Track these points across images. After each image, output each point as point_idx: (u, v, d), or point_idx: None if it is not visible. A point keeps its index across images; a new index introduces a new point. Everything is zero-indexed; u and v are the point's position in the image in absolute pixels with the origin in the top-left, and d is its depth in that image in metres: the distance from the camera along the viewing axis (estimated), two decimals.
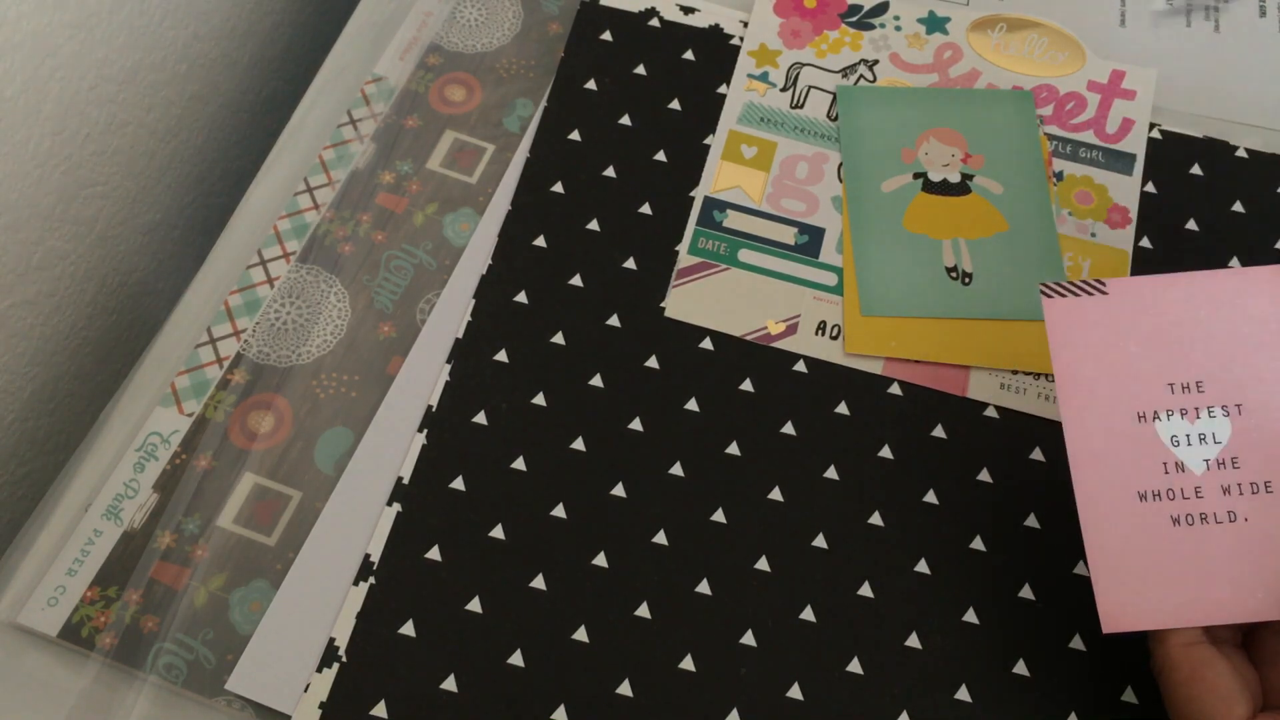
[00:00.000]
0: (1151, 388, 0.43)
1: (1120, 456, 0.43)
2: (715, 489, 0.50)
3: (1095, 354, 0.44)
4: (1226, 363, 0.43)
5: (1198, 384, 0.43)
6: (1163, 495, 0.43)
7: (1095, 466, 0.43)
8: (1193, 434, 0.43)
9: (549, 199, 0.56)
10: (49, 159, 0.54)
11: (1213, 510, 0.42)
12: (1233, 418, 0.43)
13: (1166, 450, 0.43)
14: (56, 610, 0.47)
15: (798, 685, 0.46)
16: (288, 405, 0.51)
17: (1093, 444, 0.43)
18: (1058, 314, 0.44)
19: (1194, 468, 0.43)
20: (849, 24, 0.61)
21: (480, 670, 0.46)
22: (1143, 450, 0.43)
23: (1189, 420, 0.43)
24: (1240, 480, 0.43)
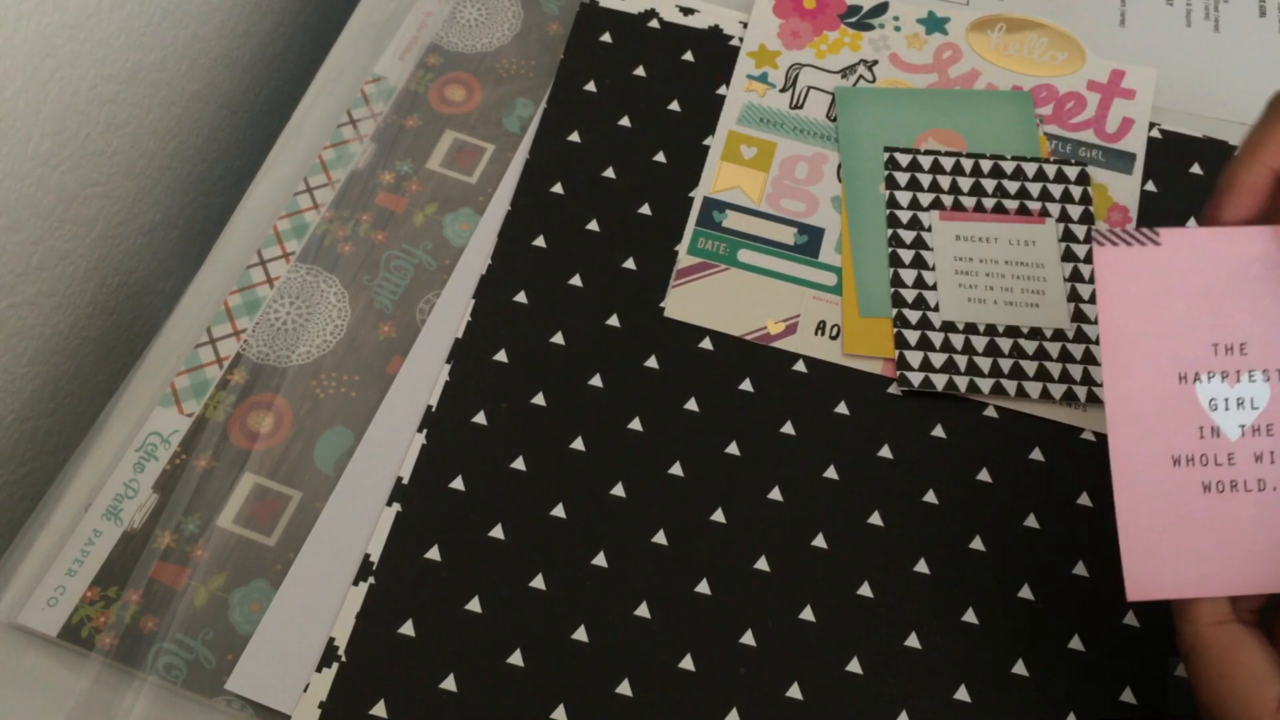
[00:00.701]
0: (1195, 348, 0.42)
1: (1158, 418, 0.42)
2: (715, 489, 0.50)
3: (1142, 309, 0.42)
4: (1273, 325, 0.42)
5: (1241, 346, 0.41)
6: (1196, 460, 0.41)
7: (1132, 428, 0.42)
8: (1231, 398, 0.41)
9: (549, 199, 0.56)
10: (49, 159, 0.54)
11: (1243, 478, 0.41)
12: (1273, 383, 0.42)
13: (1204, 414, 0.41)
14: (56, 610, 0.47)
15: (798, 685, 0.46)
16: (288, 405, 0.51)
17: (1133, 404, 0.42)
18: (1108, 264, 0.42)
19: (1229, 433, 0.41)
20: (848, 24, 0.61)
21: (480, 670, 0.46)
22: (1181, 413, 0.42)
23: (1229, 384, 0.41)
24: (1274, 448, 0.41)
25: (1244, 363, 0.42)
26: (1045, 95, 0.59)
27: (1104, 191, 0.56)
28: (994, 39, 0.61)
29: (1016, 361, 0.52)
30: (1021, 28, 0.61)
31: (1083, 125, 0.58)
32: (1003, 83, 0.59)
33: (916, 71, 0.60)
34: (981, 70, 0.60)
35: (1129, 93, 0.59)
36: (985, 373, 0.52)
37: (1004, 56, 0.60)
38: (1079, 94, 0.59)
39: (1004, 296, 0.53)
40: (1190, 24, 0.62)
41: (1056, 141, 0.58)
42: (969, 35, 0.61)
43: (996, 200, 0.56)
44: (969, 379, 0.51)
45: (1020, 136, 0.58)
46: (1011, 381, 0.51)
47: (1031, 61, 0.60)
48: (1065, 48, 0.60)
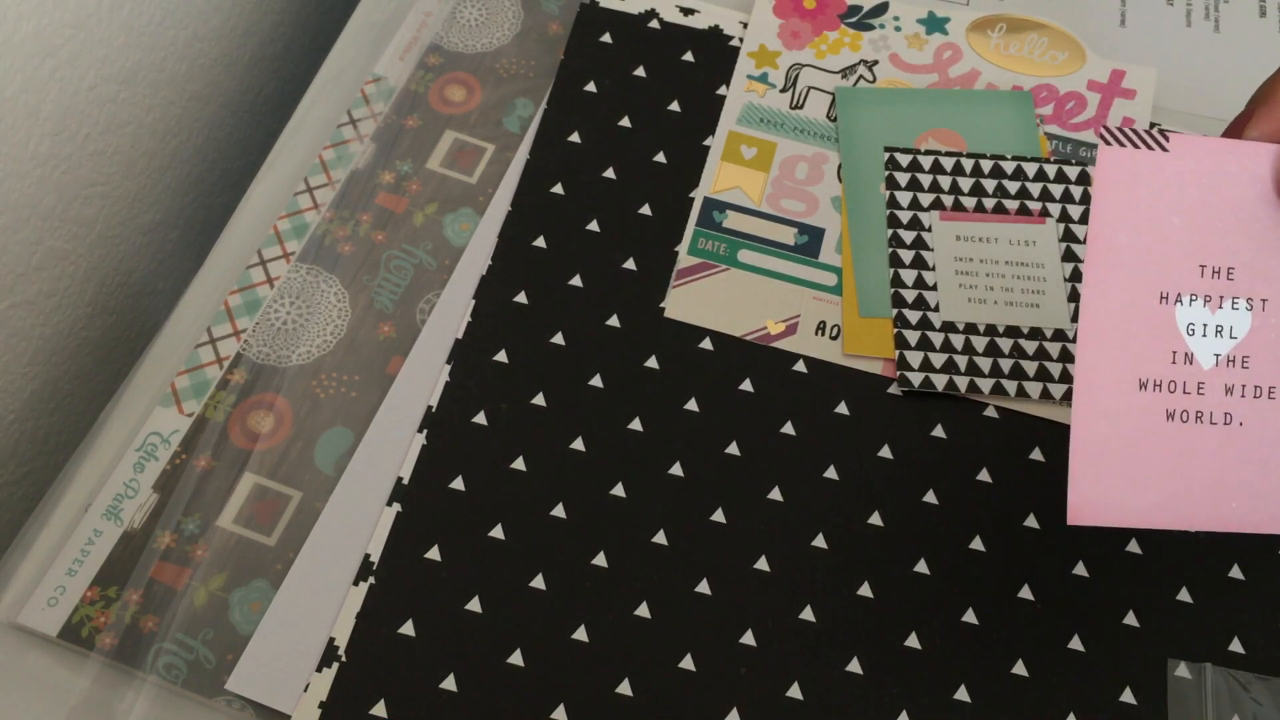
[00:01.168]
0: (1183, 267, 0.39)
1: (1131, 338, 0.39)
2: (715, 489, 0.50)
3: (1136, 218, 0.39)
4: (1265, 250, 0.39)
5: (1229, 270, 0.39)
6: (1164, 386, 0.40)
7: (1103, 345, 0.39)
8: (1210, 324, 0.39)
9: (549, 200, 0.56)
10: (49, 159, 0.54)
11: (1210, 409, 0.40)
12: (1255, 313, 0.39)
13: (1180, 338, 0.39)
14: (56, 610, 0.47)
15: (798, 685, 0.46)
16: (288, 405, 0.51)
17: (1108, 320, 0.39)
18: (1110, 165, 0.39)
19: (1202, 361, 0.39)
20: (848, 25, 0.61)
21: (480, 670, 0.46)
22: (1156, 334, 0.39)
23: (1211, 309, 0.39)
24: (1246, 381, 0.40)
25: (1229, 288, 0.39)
26: (1045, 95, 0.59)
27: None
28: (994, 39, 0.61)
29: (1016, 361, 0.52)
30: (1021, 28, 0.61)
31: (1083, 125, 0.58)
32: (1003, 83, 0.59)
33: (917, 71, 0.60)
34: (982, 70, 0.60)
35: (1129, 93, 0.59)
36: (985, 373, 0.52)
37: (1004, 56, 0.60)
38: (1079, 94, 0.59)
39: (1004, 297, 0.53)
40: (1190, 24, 0.62)
41: (1057, 141, 0.58)
42: (969, 35, 0.61)
43: (997, 200, 0.56)
44: (969, 379, 0.51)
45: (1020, 136, 0.58)
46: (1011, 381, 0.51)
47: (1032, 61, 0.60)
48: (1065, 48, 0.60)
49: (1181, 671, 0.46)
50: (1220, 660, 0.47)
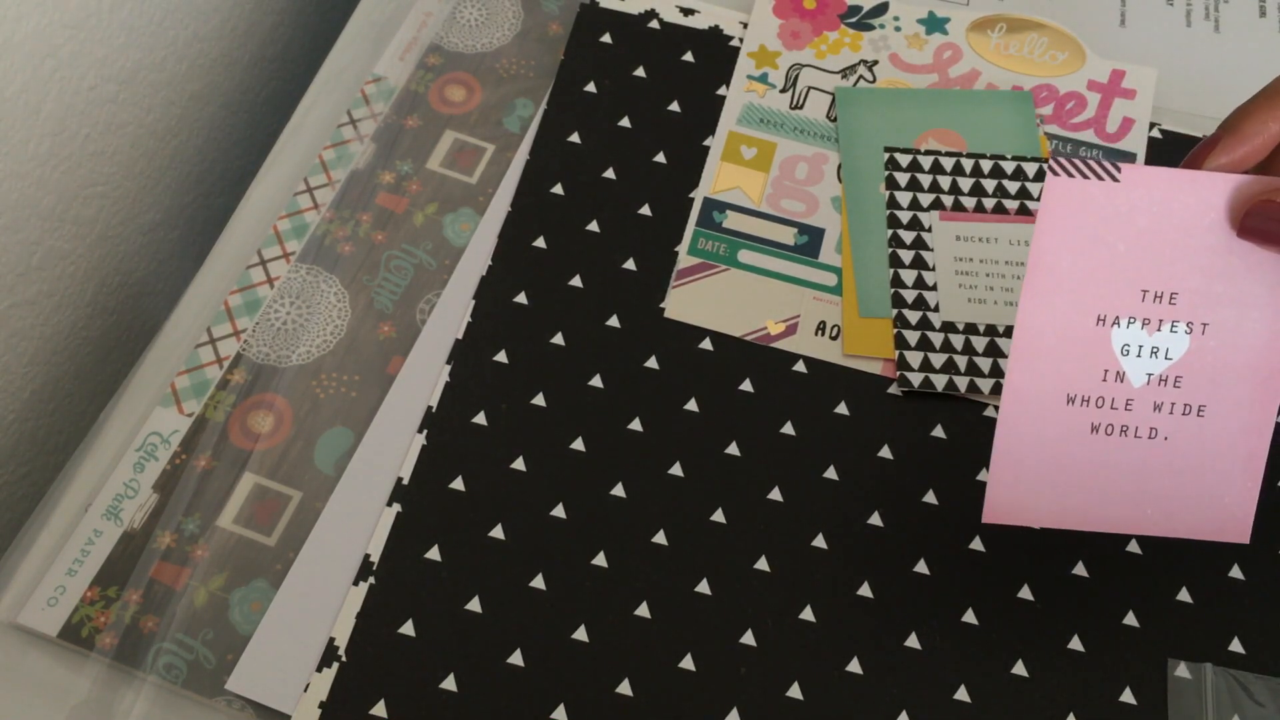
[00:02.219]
0: (1124, 291, 0.41)
1: (1064, 356, 0.41)
2: (715, 489, 0.50)
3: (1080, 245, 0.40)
4: (1210, 277, 0.40)
5: (1172, 295, 0.41)
6: (1091, 402, 0.41)
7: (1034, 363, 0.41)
8: (1146, 345, 0.41)
9: (549, 200, 0.56)
10: (49, 159, 0.54)
11: (1136, 424, 0.41)
12: (1194, 335, 0.41)
13: (1113, 358, 0.41)
14: (56, 610, 0.47)
15: (798, 685, 0.46)
16: (288, 405, 0.51)
17: (1041, 340, 0.41)
18: (1058, 194, 0.40)
19: (1133, 380, 0.41)
20: (848, 25, 0.61)
21: (480, 670, 0.46)
22: (1088, 354, 0.41)
23: (1149, 332, 0.41)
24: (1176, 400, 0.41)
25: (1170, 312, 0.41)
26: (1045, 95, 0.59)
27: None
28: (994, 39, 0.61)
29: None
30: (1021, 28, 0.61)
31: (1083, 125, 0.58)
32: (1003, 83, 0.59)
33: (916, 71, 0.60)
34: (982, 70, 0.60)
35: (1129, 93, 0.59)
36: (985, 373, 0.52)
37: (1004, 56, 0.60)
38: (1079, 94, 0.59)
39: (1004, 297, 0.53)
40: (1190, 24, 0.62)
41: (1057, 141, 0.58)
42: (969, 35, 0.61)
43: (997, 200, 0.56)
44: (969, 379, 0.51)
45: (1020, 136, 0.58)
46: None
47: (1032, 61, 0.60)
48: (1065, 48, 0.60)
49: (1181, 671, 0.46)
50: (1220, 660, 0.47)
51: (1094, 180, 0.40)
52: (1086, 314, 0.41)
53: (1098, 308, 0.41)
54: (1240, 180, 0.40)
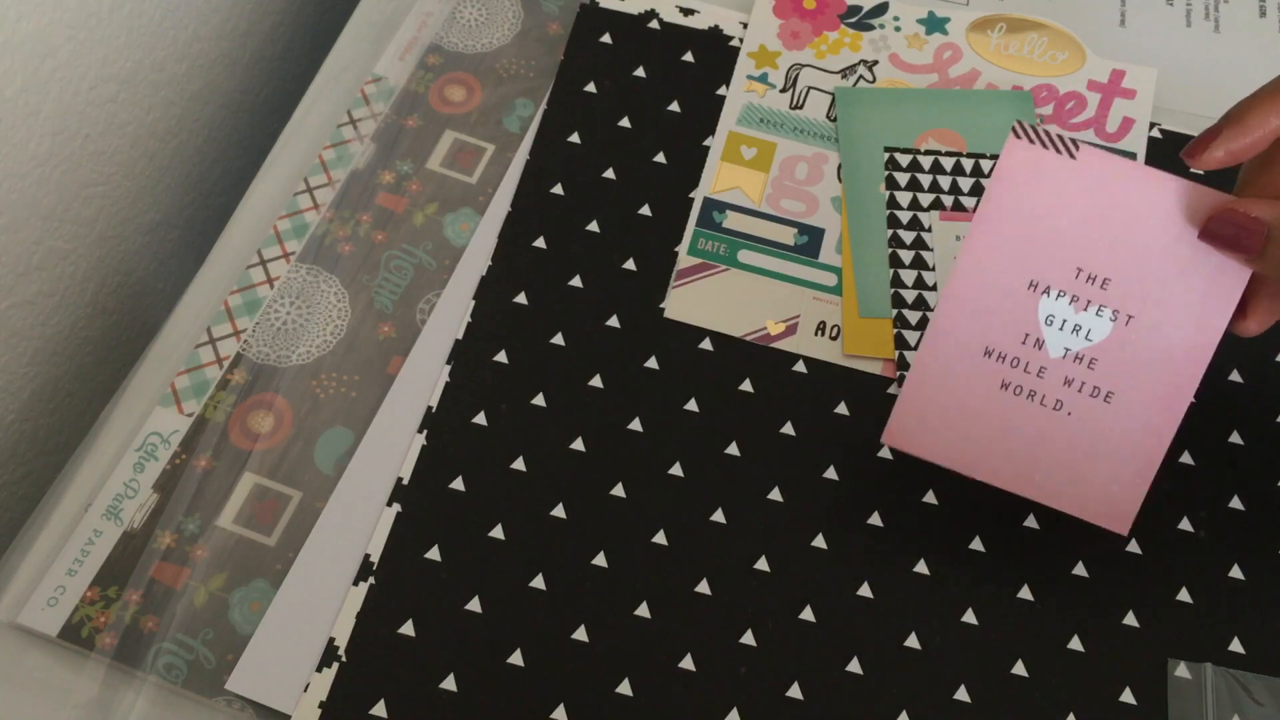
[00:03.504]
0: (1059, 265, 0.42)
1: (989, 310, 0.43)
2: (715, 489, 0.50)
3: (1027, 210, 0.42)
4: (1145, 273, 0.42)
5: (1105, 280, 0.42)
6: (1006, 360, 0.43)
7: (961, 309, 0.43)
8: (1070, 321, 0.43)
9: (549, 200, 0.56)
10: (49, 159, 0.54)
11: (1044, 392, 0.43)
12: (1117, 325, 0.42)
13: (1035, 324, 0.43)
14: (56, 610, 0.47)
15: (798, 685, 0.46)
16: (288, 405, 0.51)
17: (972, 290, 0.43)
18: (1015, 158, 0.42)
19: (1051, 350, 0.43)
20: (848, 25, 0.61)
21: (480, 670, 0.46)
22: (1014, 315, 0.43)
23: (1076, 309, 0.42)
24: (1087, 380, 0.43)
25: (1100, 296, 0.42)
26: (1045, 95, 0.59)
27: None
28: (994, 39, 0.61)
29: None
30: (1021, 28, 0.61)
31: (1083, 125, 0.58)
32: (1003, 83, 0.59)
33: (917, 71, 0.60)
34: (982, 70, 0.60)
35: (1129, 92, 0.59)
36: None
37: (1004, 56, 0.60)
38: (1079, 94, 0.59)
39: None
40: (1190, 24, 0.62)
41: None
42: (969, 35, 0.61)
43: None
44: None
45: None
46: None
47: (1032, 61, 0.60)
48: (1065, 47, 0.60)
49: (1181, 671, 0.46)
50: (1220, 660, 0.47)
51: (1051, 152, 0.42)
52: (1020, 277, 0.43)
53: (1031, 273, 0.43)
54: (1194, 186, 0.42)
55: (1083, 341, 0.43)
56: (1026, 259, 0.43)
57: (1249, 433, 0.51)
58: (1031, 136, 0.42)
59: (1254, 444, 0.51)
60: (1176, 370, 0.43)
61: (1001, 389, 0.43)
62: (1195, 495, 0.49)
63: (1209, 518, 0.49)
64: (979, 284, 0.43)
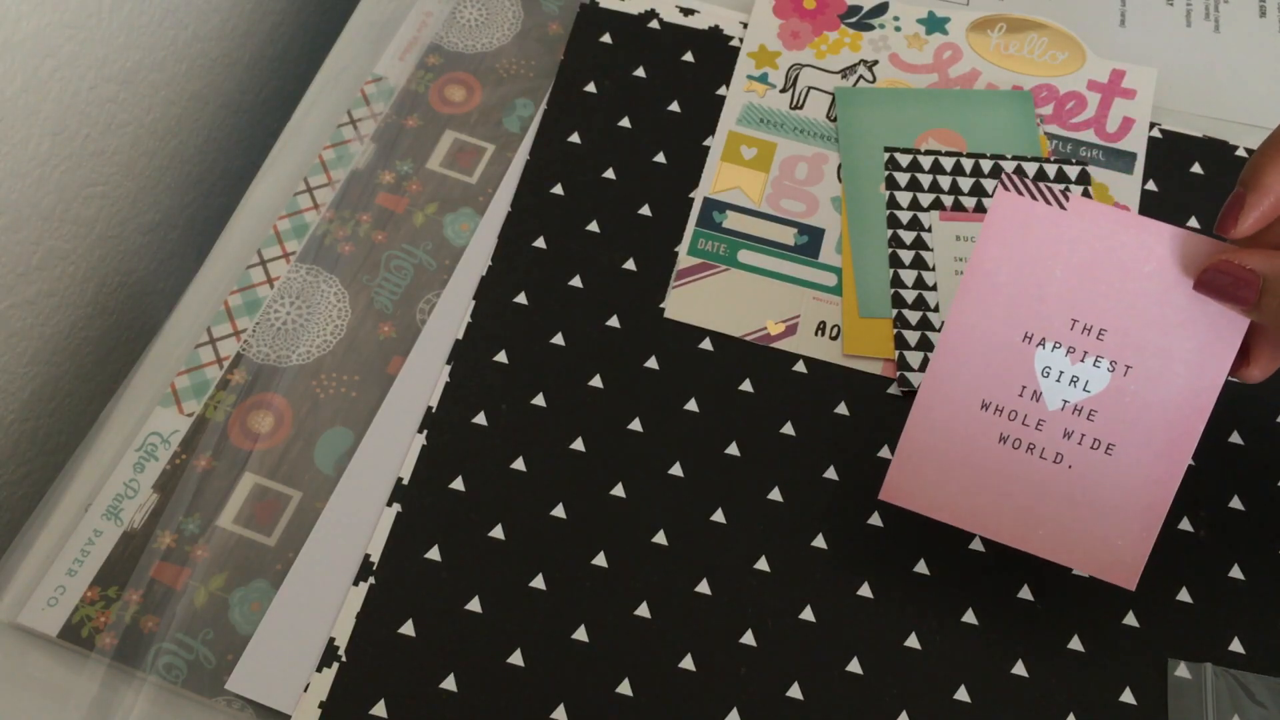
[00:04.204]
0: (1054, 316, 0.42)
1: (985, 363, 0.42)
2: (715, 489, 0.50)
3: (1019, 262, 0.42)
4: (1141, 323, 0.42)
5: (1101, 331, 0.42)
6: (1004, 413, 0.42)
7: (956, 361, 0.43)
8: (1067, 373, 0.42)
9: (549, 201, 0.56)
10: (49, 159, 0.54)
11: (1044, 445, 0.42)
12: (1115, 375, 0.42)
13: (1032, 376, 0.42)
14: (56, 610, 0.47)
15: (798, 685, 0.46)
16: (288, 405, 0.51)
17: (967, 342, 0.42)
18: (1005, 210, 0.42)
19: (1049, 403, 0.42)
20: (848, 25, 0.61)
21: (480, 670, 0.46)
22: (1010, 367, 0.42)
23: (1072, 360, 0.42)
24: (1087, 432, 0.42)
25: (1097, 347, 0.42)
26: (1045, 95, 0.59)
27: (1105, 191, 0.56)
28: (994, 39, 0.61)
29: None
30: (1021, 28, 0.61)
31: (1083, 125, 0.58)
32: (1003, 83, 0.59)
33: (916, 71, 0.60)
34: (982, 70, 0.60)
35: (1129, 92, 0.59)
36: None
37: (1004, 56, 0.60)
38: (1079, 94, 0.59)
39: None
40: (1190, 24, 0.62)
41: (1057, 141, 0.58)
42: (969, 35, 0.61)
43: None
44: None
45: (1021, 136, 0.58)
46: None
47: (1032, 61, 0.60)
48: (1065, 47, 0.60)
49: (1181, 671, 0.46)
50: (1220, 660, 0.47)
51: (1041, 204, 0.42)
52: (1015, 328, 0.42)
53: (1026, 325, 0.42)
54: (1188, 235, 0.42)
55: (1081, 393, 0.42)
56: (1020, 311, 0.42)
57: (1249, 433, 0.51)
58: (1020, 189, 0.41)
59: (1254, 444, 0.51)
60: (1178, 420, 0.42)
61: (1000, 442, 0.43)
62: (1195, 495, 0.49)
63: (1209, 518, 0.49)
64: (973, 336, 0.42)
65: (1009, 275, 0.42)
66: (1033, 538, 0.43)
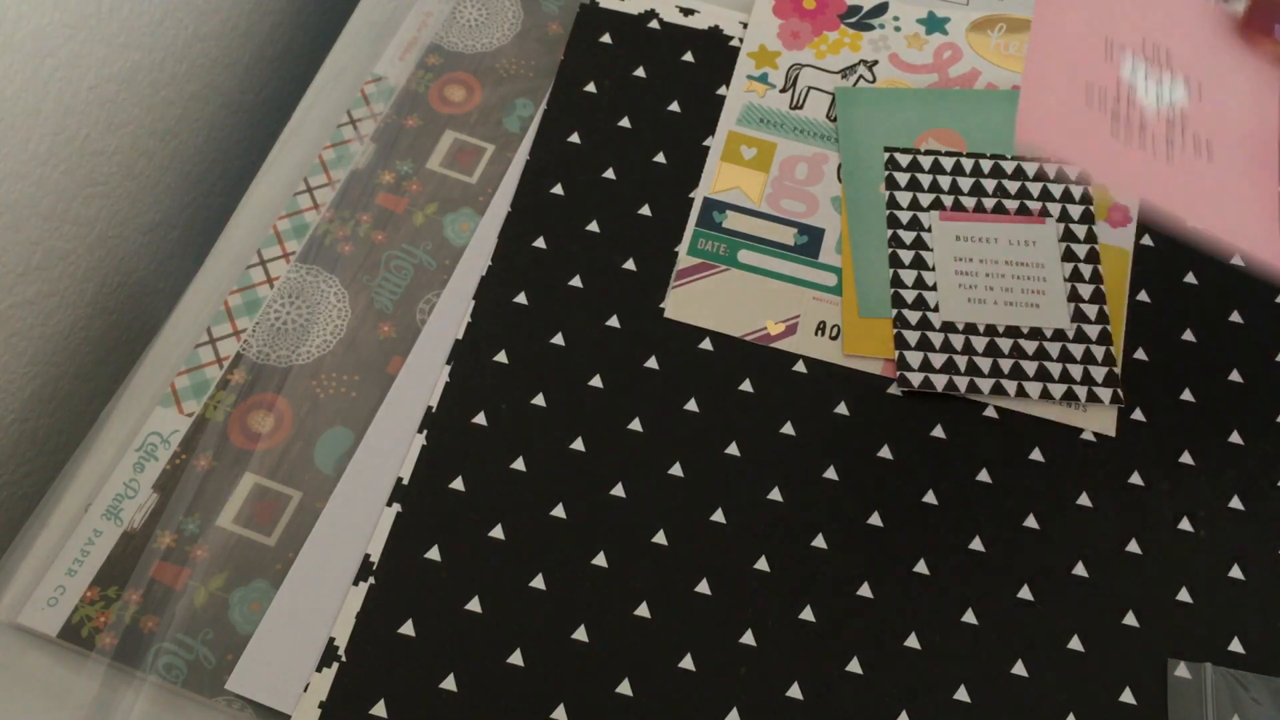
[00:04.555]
0: (1127, 29, 0.44)
1: (1080, 56, 0.43)
2: (715, 489, 0.50)
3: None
4: (1200, 52, 0.45)
5: (1169, 53, 0.44)
6: (1109, 107, 0.43)
7: (1054, 49, 0.43)
8: (1151, 85, 0.44)
9: (549, 201, 0.56)
10: (49, 159, 0.54)
11: (1153, 141, 0.43)
12: (1192, 94, 0.44)
13: (1125, 80, 0.43)
14: (56, 610, 0.47)
15: (798, 685, 0.46)
16: (288, 405, 0.51)
17: (1059, 33, 0.43)
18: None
19: (1145, 105, 0.43)
20: (848, 25, 0.61)
21: (480, 670, 0.46)
22: (1104, 68, 0.43)
23: (1153, 71, 0.44)
24: (1184, 138, 0.43)
25: (1168, 62, 0.44)
26: None
27: (1104, 191, 0.56)
28: (994, 39, 0.61)
29: (1016, 362, 0.52)
30: (1022, 28, 0.61)
31: None
32: (1003, 83, 0.59)
33: (916, 71, 0.60)
34: (981, 70, 0.60)
35: None
36: (985, 373, 0.52)
37: (1004, 56, 0.60)
38: None
39: (1004, 296, 0.53)
40: None
41: None
42: (969, 35, 0.61)
43: (996, 200, 0.56)
44: (969, 379, 0.51)
45: None
46: (1011, 381, 0.51)
47: None
48: None
49: (1181, 671, 0.46)
50: (1220, 660, 0.47)
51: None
52: (1097, 31, 0.44)
53: (1106, 30, 0.44)
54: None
55: (1169, 105, 0.44)
56: (1099, 20, 0.44)
57: (1249, 433, 0.51)
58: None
59: (1254, 444, 0.51)
60: (1252, 130, 0.44)
61: (1112, 136, 0.42)
62: (1195, 495, 0.49)
63: (1209, 518, 0.49)
64: (1061, 38, 0.43)
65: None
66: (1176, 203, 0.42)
